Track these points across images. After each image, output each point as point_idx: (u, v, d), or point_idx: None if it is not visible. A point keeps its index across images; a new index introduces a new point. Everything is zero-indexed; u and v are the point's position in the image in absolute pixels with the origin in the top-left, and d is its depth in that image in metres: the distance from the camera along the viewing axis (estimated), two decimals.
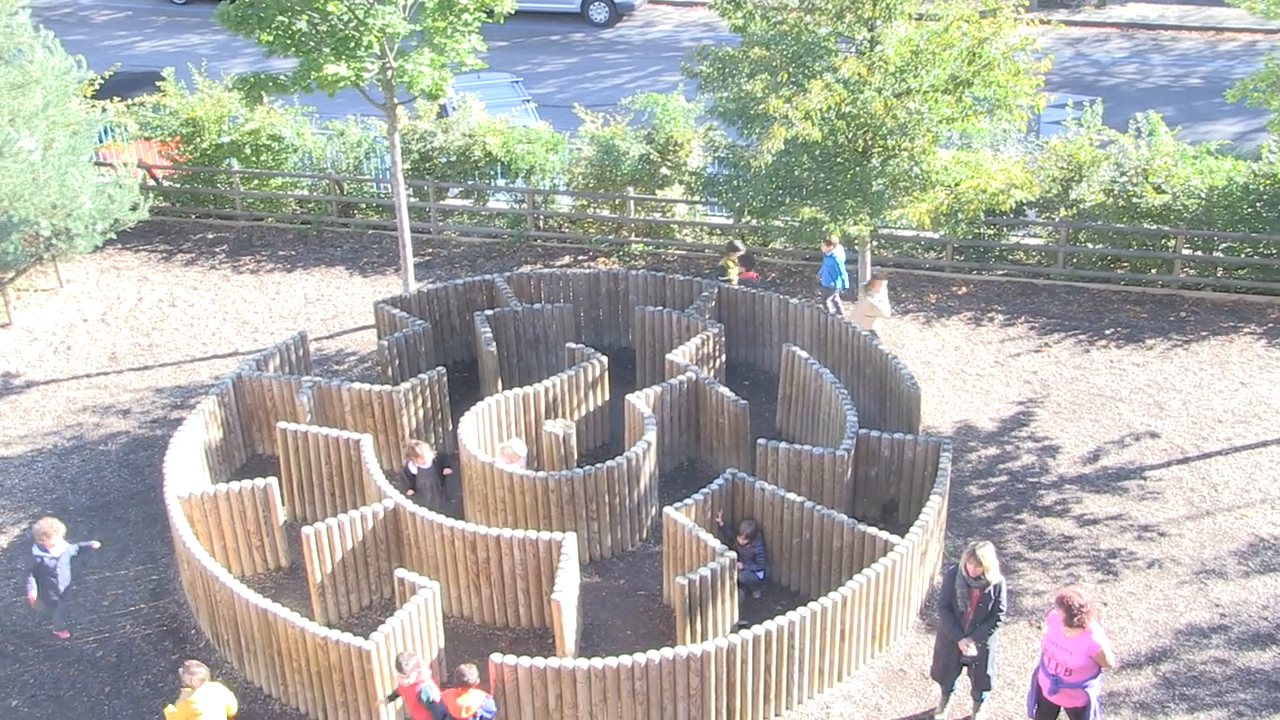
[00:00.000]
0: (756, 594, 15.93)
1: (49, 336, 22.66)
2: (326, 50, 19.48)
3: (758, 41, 18.93)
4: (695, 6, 39.79)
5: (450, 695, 13.25)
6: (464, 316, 20.99)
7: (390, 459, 18.25)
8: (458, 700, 13.13)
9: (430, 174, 25.80)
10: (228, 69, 30.09)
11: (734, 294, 20.78)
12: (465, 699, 13.11)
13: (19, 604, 16.32)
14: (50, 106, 22.29)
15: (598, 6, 38.64)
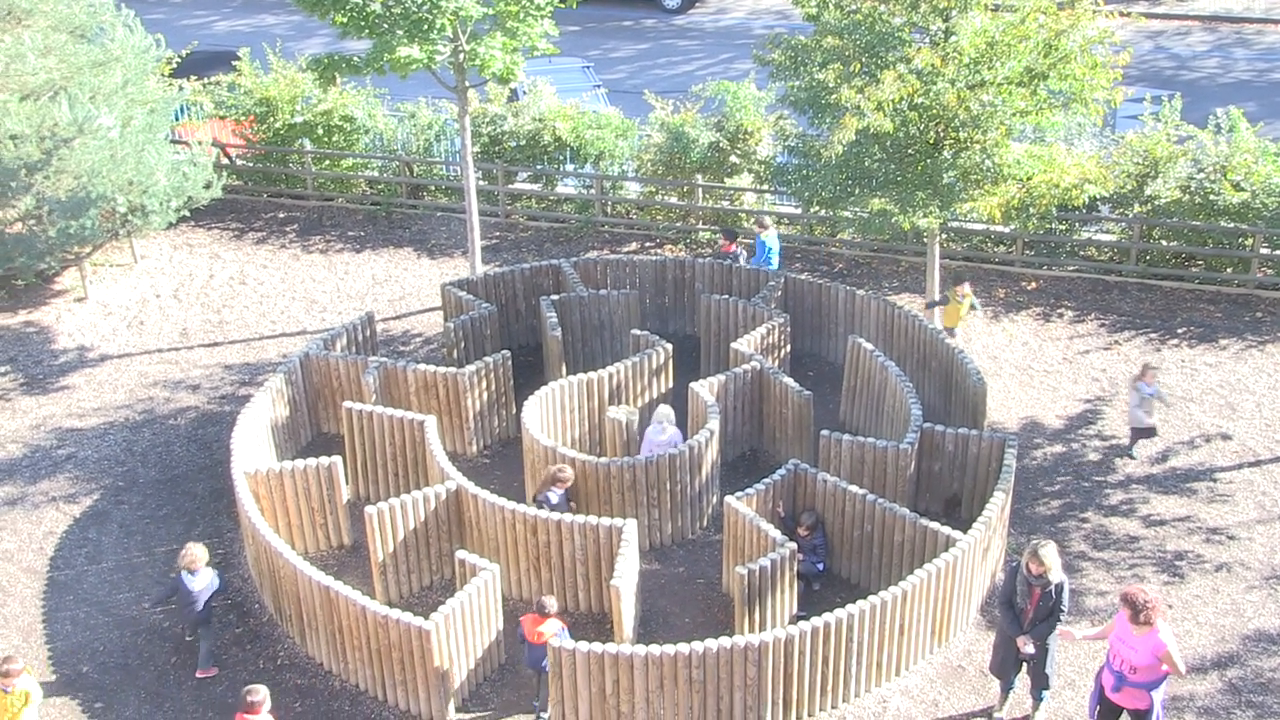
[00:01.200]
0: (816, 585, 15.88)
1: (123, 311, 22.99)
2: (400, 32, 19.57)
3: (831, 30, 18.80)
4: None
5: (530, 621, 13.94)
6: (530, 301, 21.06)
7: (453, 441, 18.36)
8: (537, 628, 13.85)
9: (500, 158, 25.88)
10: (302, 49, 30.33)
11: (801, 284, 20.68)
12: (544, 626, 13.84)
13: (90, 573, 16.61)
14: (129, 84, 22.63)
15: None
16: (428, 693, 14.04)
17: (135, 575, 16.62)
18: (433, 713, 14.14)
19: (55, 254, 22.22)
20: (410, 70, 19.69)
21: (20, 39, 21.40)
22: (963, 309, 19.78)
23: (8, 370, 21.16)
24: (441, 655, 13.85)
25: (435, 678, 13.89)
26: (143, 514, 17.75)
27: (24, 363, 21.38)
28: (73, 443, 19.29)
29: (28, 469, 18.71)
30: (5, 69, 21.27)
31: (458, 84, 20.90)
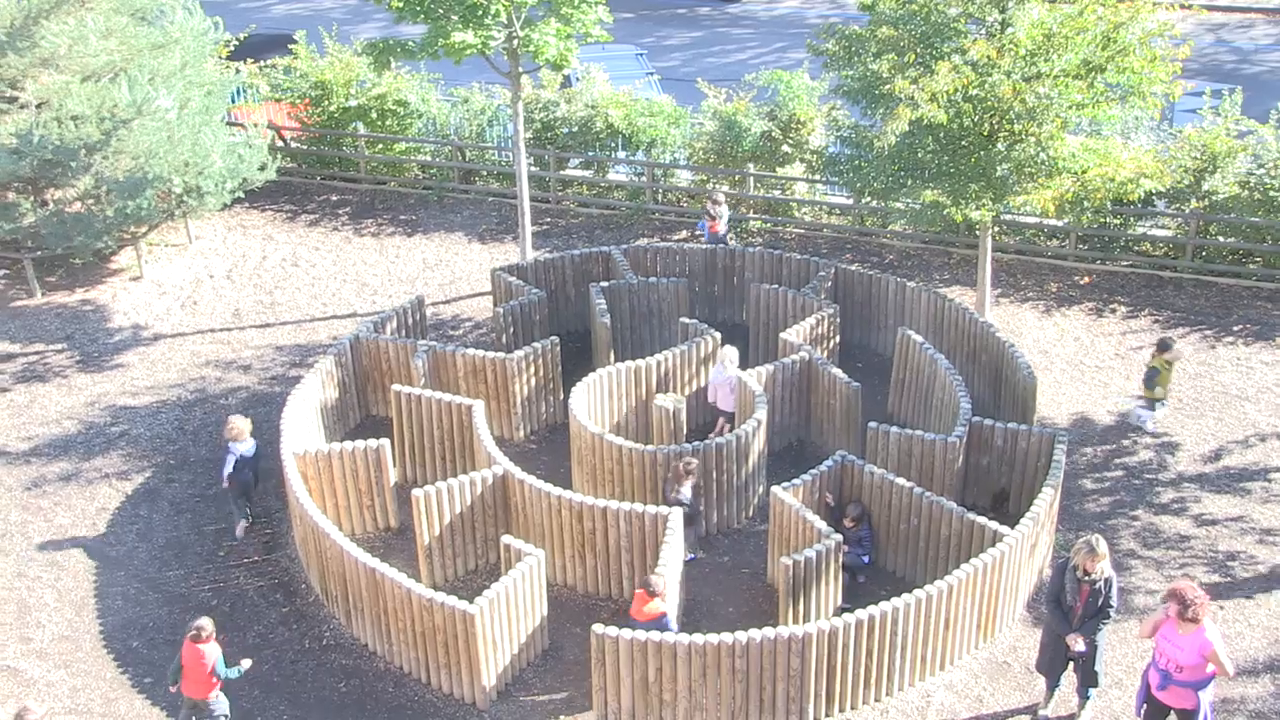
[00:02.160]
0: (861, 578, 15.83)
1: (177, 291, 23.20)
2: (455, 18, 19.63)
3: (886, 20, 18.70)
4: None
5: (639, 599, 13.96)
6: (579, 287, 21.09)
7: (501, 425, 18.43)
8: (644, 607, 13.88)
9: (552, 144, 25.92)
10: (358, 33, 30.48)
11: (851, 275, 20.59)
12: (650, 605, 13.86)
13: (141, 549, 16.80)
14: (188, 66, 22.84)
15: None
16: (471, 677, 14.11)
17: (185, 553, 16.79)
18: (475, 697, 14.21)
19: (112, 233, 22.47)
20: (464, 55, 19.74)
21: (83, 21, 21.62)
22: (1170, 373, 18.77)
23: (64, 348, 21.42)
24: (485, 639, 13.91)
25: (478, 662, 13.96)
26: (193, 492, 17.93)
27: (80, 340, 21.64)
28: (126, 420, 19.51)
29: (82, 445, 18.94)
30: (68, 50, 21.50)
31: (511, 70, 20.93)
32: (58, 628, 15.57)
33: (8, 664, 15.03)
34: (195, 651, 13.35)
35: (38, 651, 15.21)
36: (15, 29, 21.28)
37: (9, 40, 21.24)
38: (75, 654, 15.19)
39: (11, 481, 18.15)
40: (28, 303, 22.81)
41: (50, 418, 19.58)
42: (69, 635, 15.47)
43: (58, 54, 21.50)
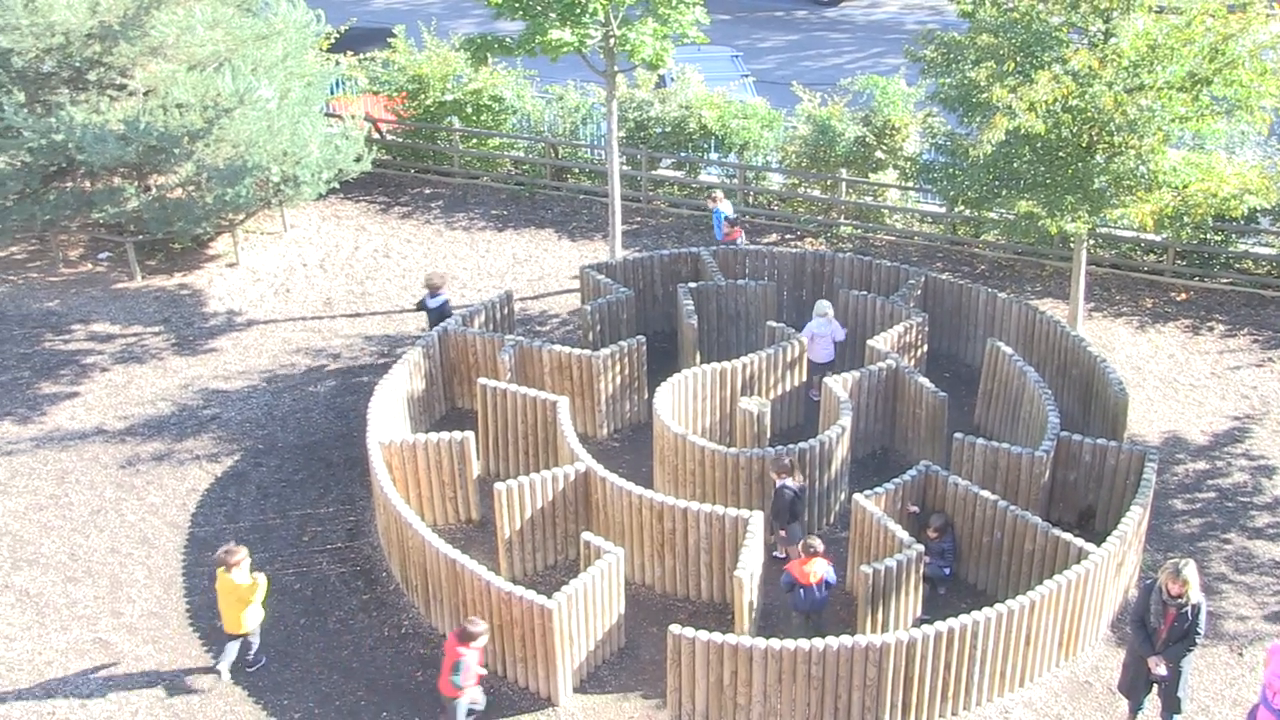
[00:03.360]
0: (941, 590, 15.70)
1: (270, 278, 23.56)
2: (553, 15, 19.73)
3: (986, 28, 18.51)
4: None
5: (797, 564, 14.55)
6: (667, 287, 21.10)
7: (584, 423, 18.49)
8: (804, 568, 14.46)
9: (644, 143, 25.96)
10: (456, 28, 30.74)
11: (941, 284, 20.41)
12: (810, 566, 14.44)
13: (228, 531, 17.08)
14: (289, 58, 23.19)
15: None
16: (546, 671, 14.18)
17: (270, 536, 17.04)
18: (550, 692, 14.28)
19: (211, 220, 22.86)
20: (561, 53, 19.83)
21: (191, 12, 22.03)
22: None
23: (161, 330, 21.84)
24: (562, 635, 13.97)
25: (554, 657, 14.02)
26: (280, 477, 18.19)
27: (176, 324, 22.04)
28: (217, 404, 19.85)
29: (175, 427, 19.29)
30: (176, 40, 21.92)
31: (607, 68, 21.00)
32: (147, 604, 15.89)
33: (100, 636, 15.36)
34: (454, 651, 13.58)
35: (128, 626, 15.53)
36: (128, 19, 21.73)
37: (121, 30, 21.70)
38: (163, 630, 15.48)
39: (108, 459, 18.55)
40: (128, 285, 23.28)
41: (146, 398, 19.98)
42: (157, 612, 15.77)
43: (166, 43, 21.92)
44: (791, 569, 14.68)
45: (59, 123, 21.13)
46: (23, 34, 21.31)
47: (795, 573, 14.60)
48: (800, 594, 14.64)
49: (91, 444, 18.91)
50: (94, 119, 21.22)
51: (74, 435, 19.11)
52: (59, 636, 15.40)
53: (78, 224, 23.66)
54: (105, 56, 21.94)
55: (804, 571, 14.51)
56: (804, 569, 14.52)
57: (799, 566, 14.57)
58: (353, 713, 14.31)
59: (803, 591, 14.60)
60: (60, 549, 16.83)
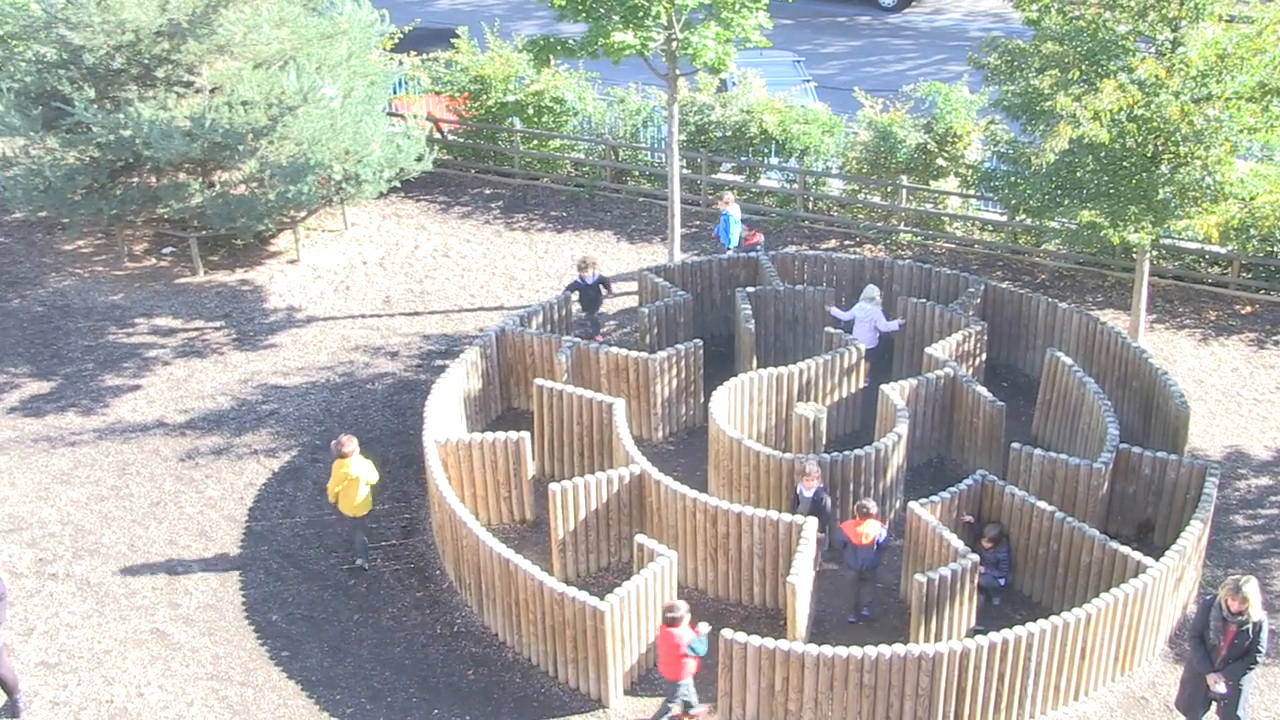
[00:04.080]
0: (996, 600, 15.58)
1: (331, 275, 23.74)
2: (616, 18, 19.76)
3: (1051, 36, 18.36)
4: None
5: (850, 525, 14.98)
6: (725, 291, 21.08)
7: (640, 425, 18.50)
8: (857, 529, 14.88)
9: (705, 147, 25.95)
10: (518, 30, 30.85)
11: (1001, 293, 20.27)
12: (863, 527, 14.86)
13: (284, 526, 17.24)
14: (353, 57, 23.40)
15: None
16: (598, 673, 14.20)
17: (326, 532, 17.18)
18: (601, 693, 14.30)
19: (273, 216, 23.10)
20: (623, 55, 19.87)
21: (258, 10, 22.27)
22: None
23: (222, 325, 22.07)
24: (614, 637, 13.99)
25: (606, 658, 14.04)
26: None
27: (237, 319, 22.27)
28: (276, 399, 20.03)
29: (234, 421, 19.49)
30: (243, 38, 22.17)
31: (669, 72, 21.02)
32: (203, 596, 16.06)
33: (157, 627, 15.55)
34: (668, 635, 13.58)
35: (184, 617, 15.71)
36: (196, 16, 21.99)
37: (189, 27, 21.96)
38: (219, 623, 15.65)
39: (168, 452, 18.77)
40: (191, 280, 23.55)
41: (206, 392, 20.20)
42: (213, 604, 15.94)
43: (233, 41, 22.17)
44: (845, 529, 15.09)
45: (127, 119, 21.42)
46: (94, 31, 21.62)
47: (849, 533, 15.00)
48: (854, 553, 15.02)
49: (152, 436, 19.15)
50: (161, 115, 21.49)
51: (135, 427, 19.35)
52: (118, 626, 15.60)
53: (143, 219, 23.96)
54: (173, 54, 22.22)
55: (857, 532, 14.92)
56: (857, 530, 14.93)
57: (852, 527, 14.98)
58: (404, 710, 14.40)
59: (857, 551, 14.97)
60: (120, 539, 17.05)
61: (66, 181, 22.51)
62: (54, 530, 17.21)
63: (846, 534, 15.05)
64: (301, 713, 14.37)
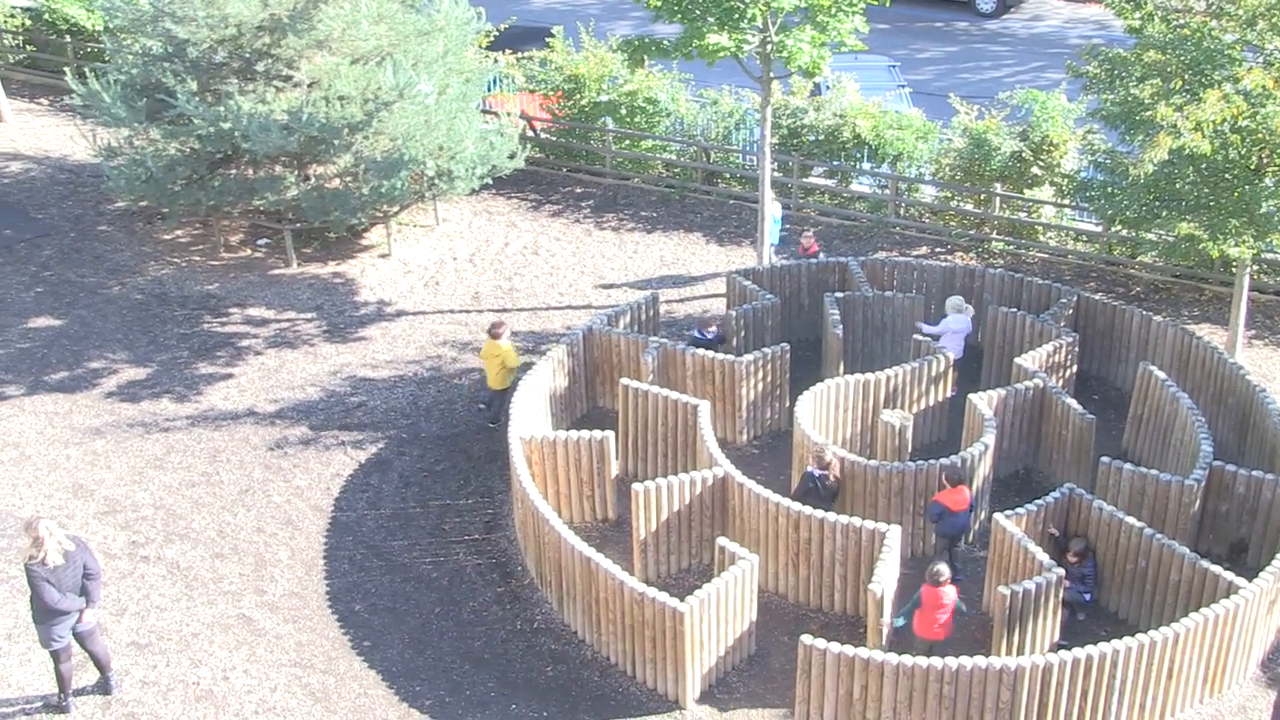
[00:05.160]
0: (1081, 615, 15.37)
1: (421, 270, 23.97)
2: (711, 19, 19.75)
3: (1154, 45, 18.06)
4: (1089, 3, 38.31)
5: (947, 494, 15.47)
6: (814, 296, 20.99)
7: (725, 428, 18.48)
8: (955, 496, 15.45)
9: (797, 150, 25.85)
10: (613, 30, 30.95)
11: (1094, 304, 19.98)
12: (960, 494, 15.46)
13: (369, 517, 17.44)
14: (449, 54, 23.60)
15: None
16: (675, 674, 14.20)
17: (409, 524, 17.35)
18: (679, 695, 14.31)
19: (366, 211, 23.36)
20: (718, 57, 19.84)
21: (357, 6, 22.54)
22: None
23: (314, 317, 22.37)
24: (693, 639, 13.98)
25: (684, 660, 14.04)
26: (421, 467, 18.50)
27: (329, 311, 22.56)
28: (364, 392, 20.26)
29: (322, 412, 19.75)
30: (341, 34, 22.45)
31: (763, 74, 20.97)
32: (289, 584, 16.29)
33: (243, 613, 15.80)
34: (935, 594, 14.21)
35: (270, 604, 15.95)
36: (297, 12, 22.30)
37: (290, 22, 22.29)
38: (303, 610, 15.87)
39: (257, 441, 19.06)
40: (284, 272, 23.89)
41: (296, 383, 20.48)
42: (298, 592, 16.16)
43: (332, 37, 22.45)
44: (942, 498, 15.45)
45: (227, 112, 21.78)
46: (198, 25, 22.01)
47: (947, 501, 15.41)
48: (953, 520, 15.49)
49: (243, 425, 19.45)
50: (260, 109, 21.82)
51: (227, 415, 19.67)
52: (205, 610, 15.87)
53: (239, 210, 24.36)
54: (274, 48, 22.56)
55: (956, 499, 15.38)
56: (955, 497, 15.38)
57: (950, 495, 15.40)
58: (482, 704, 14.50)
59: (956, 517, 15.46)
60: (210, 525, 17.35)
61: (167, 172, 22.95)
62: (146, 514, 17.55)
63: (945, 503, 15.40)
64: (381, 703, 14.53)
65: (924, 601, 14.30)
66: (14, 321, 22.16)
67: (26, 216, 25.78)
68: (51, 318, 22.31)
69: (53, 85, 31.57)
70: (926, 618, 14.31)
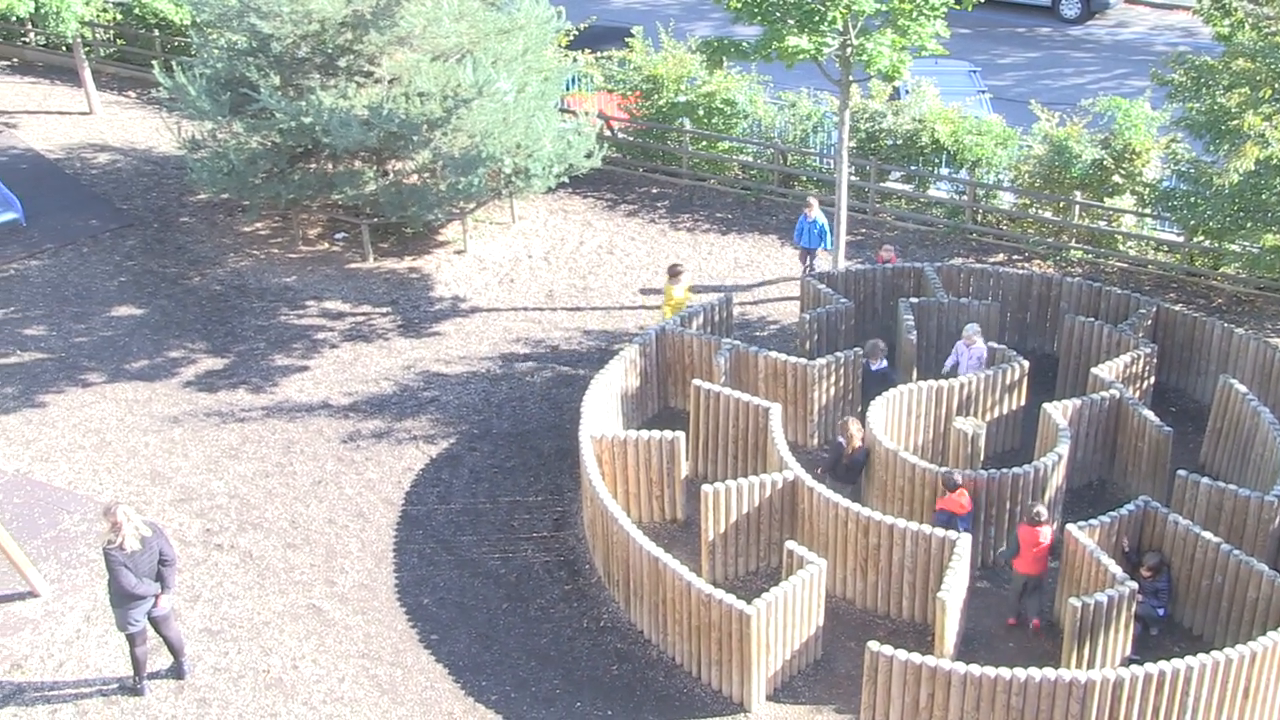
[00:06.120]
0: (1154, 630, 15.16)
1: (496, 267, 24.11)
2: (791, 22, 19.70)
3: (1243, 52, 17.79)
4: (1176, 9, 37.76)
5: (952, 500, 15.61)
6: (888, 301, 20.86)
7: (796, 431, 18.42)
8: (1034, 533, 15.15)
9: (874, 154, 25.71)
10: (692, 30, 30.96)
11: (1173, 315, 19.69)
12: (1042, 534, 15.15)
13: (439, 512, 17.57)
14: (529, 52, 23.72)
15: (1070, 2, 37.24)
16: (741, 677, 14.18)
17: (479, 520, 17.46)
18: (744, 697, 14.28)
19: (443, 207, 23.53)
20: (797, 60, 19.80)
21: (439, 3, 22.72)
22: None
23: (389, 311, 22.57)
24: (759, 641, 13.95)
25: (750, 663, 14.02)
26: (492, 463, 18.61)
27: (404, 306, 22.75)
28: (437, 387, 20.41)
29: (395, 406, 19.92)
30: (423, 31, 22.64)
31: (842, 78, 20.88)
32: (358, 576, 16.45)
33: (313, 603, 15.98)
34: (1031, 533, 14.95)
35: (339, 595, 16.12)
36: (379, 8, 22.52)
37: (372, 19, 22.51)
38: (372, 602, 16.01)
39: (331, 433, 19.27)
40: (361, 266, 24.13)
41: (370, 377, 20.68)
42: (368, 584, 16.32)
43: (413, 34, 22.65)
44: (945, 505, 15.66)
45: (309, 106, 22.04)
46: (283, 20, 22.29)
47: (951, 506, 15.59)
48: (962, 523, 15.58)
49: (317, 417, 19.67)
50: (341, 104, 22.06)
51: (301, 407, 19.90)
52: (277, 599, 16.07)
53: (318, 204, 24.64)
54: (355, 44, 22.80)
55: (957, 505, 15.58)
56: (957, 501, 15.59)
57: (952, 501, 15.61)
58: (548, 700, 14.56)
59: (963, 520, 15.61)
60: (282, 515, 17.56)
61: (249, 165, 23.26)
62: (221, 502, 17.80)
63: (948, 509, 15.60)
64: (448, 696, 14.63)
65: (1021, 540, 15.03)
66: (98, 310, 22.57)
67: (112, 207, 26.26)
68: (134, 307, 22.70)
69: (140, 79, 32.13)
70: (1025, 555, 15.06)
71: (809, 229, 22.23)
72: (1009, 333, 20.79)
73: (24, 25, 33.44)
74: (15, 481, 18.09)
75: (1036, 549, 15.03)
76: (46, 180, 27.27)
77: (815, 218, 22.15)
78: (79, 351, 21.33)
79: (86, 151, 28.79)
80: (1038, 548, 15.02)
